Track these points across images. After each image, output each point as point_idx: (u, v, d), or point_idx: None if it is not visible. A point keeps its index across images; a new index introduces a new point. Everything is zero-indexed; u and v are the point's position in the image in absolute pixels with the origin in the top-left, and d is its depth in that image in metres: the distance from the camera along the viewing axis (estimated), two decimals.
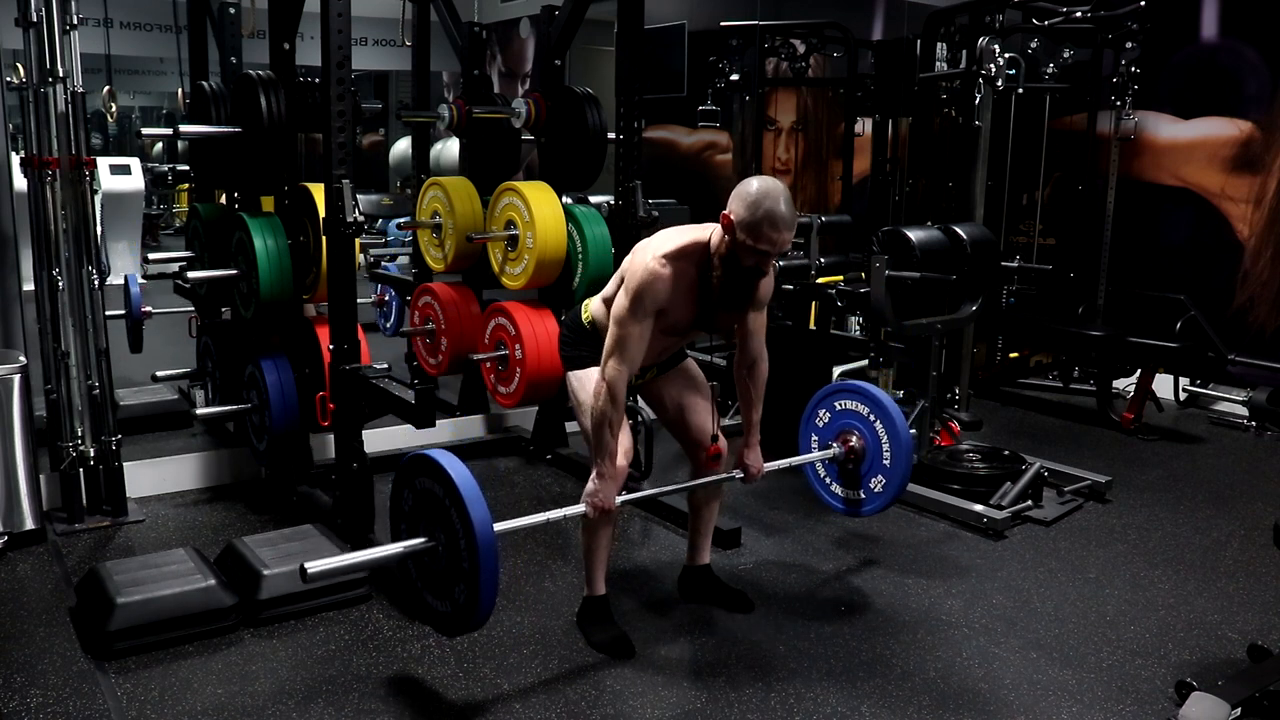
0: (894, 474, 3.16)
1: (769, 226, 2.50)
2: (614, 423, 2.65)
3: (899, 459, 3.15)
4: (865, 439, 3.21)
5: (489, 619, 2.47)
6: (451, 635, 2.57)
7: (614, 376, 2.61)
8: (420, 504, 2.50)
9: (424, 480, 2.47)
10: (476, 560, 2.33)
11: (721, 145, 6.93)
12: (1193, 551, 3.62)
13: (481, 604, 2.37)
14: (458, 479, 2.37)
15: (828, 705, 2.60)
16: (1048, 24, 4.96)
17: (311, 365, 3.66)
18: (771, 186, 2.53)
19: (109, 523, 3.65)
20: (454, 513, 2.38)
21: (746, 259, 2.57)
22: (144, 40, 8.17)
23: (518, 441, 4.58)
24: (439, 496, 2.42)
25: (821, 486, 3.37)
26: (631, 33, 3.83)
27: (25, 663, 2.72)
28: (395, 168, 9.08)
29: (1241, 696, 2.45)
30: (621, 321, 2.61)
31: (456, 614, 2.45)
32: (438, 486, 2.42)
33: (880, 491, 3.20)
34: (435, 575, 2.49)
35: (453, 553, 2.40)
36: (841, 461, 3.26)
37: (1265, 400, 4.00)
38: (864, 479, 3.23)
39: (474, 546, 2.33)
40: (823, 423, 3.33)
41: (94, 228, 3.58)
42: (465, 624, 2.46)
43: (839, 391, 3.29)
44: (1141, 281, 5.50)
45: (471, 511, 2.33)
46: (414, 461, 2.51)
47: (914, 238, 3.80)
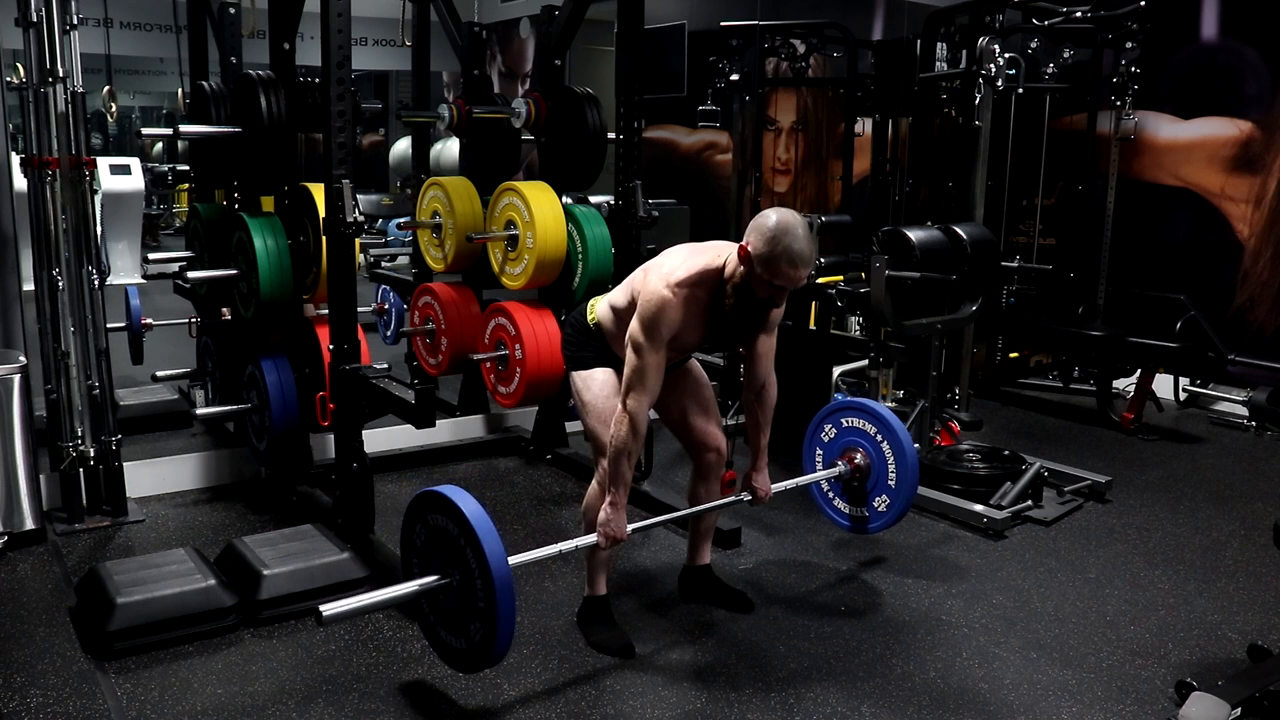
0: (899, 494, 3.18)
1: (787, 264, 2.49)
2: (633, 454, 2.63)
3: (904, 479, 3.16)
4: (871, 457, 3.22)
5: (505, 656, 2.45)
6: (468, 672, 2.56)
7: (635, 409, 2.60)
8: (433, 540, 2.48)
9: (436, 517, 2.45)
10: (494, 599, 2.31)
11: (721, 145, 6.93)
12: (1193, 551, 3.62)
13: (499, 642, 2.35)
14: (472, 518, 2.34)
15: (828, 705, 2.60)
16: (1048, 24, 4.96)
17: (311, 365, 3.66)
18: (791, 221, 2.50)
19: (109, 523, 3.65)
20: (469, 551, 2.36)
21: (761, 291, 2.57)
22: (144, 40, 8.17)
23: (518, 441, 4.58)
24: (453, 535, 2.40)
25: (826, 503, 3.39)
26: (631, 33, 3.83)
27: (25, 663, 2.72)
28: (395, 168, 9.09)
29: (1241, 696, 2.45)
30: (639, 351, 2.59)
31: (472, 652, 2.43)
32: (451, 525, 2.40)
33: (885, 511, 3.22)
34: (450, 613, 2.47)
35: (468, 591, 2.38)
36: (847, 479, 3.27)
37: (1265, 400, 3.99)
38: (869, 496, 3.24)
39: (490, 586, 2.31)
40: (828, 438, 3.34)
41: (94, 228, 3.58)
42: (482, 662, 2.44)
43: (845, 409, 3.30)
44: (1141, 281, 5.50)
45: (487, 551, 2.31)
46: (426, 498, 2.49)
47: (914, 238, 3.80)
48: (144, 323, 4.29)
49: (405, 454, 4.38)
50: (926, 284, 3.83)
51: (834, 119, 5.78)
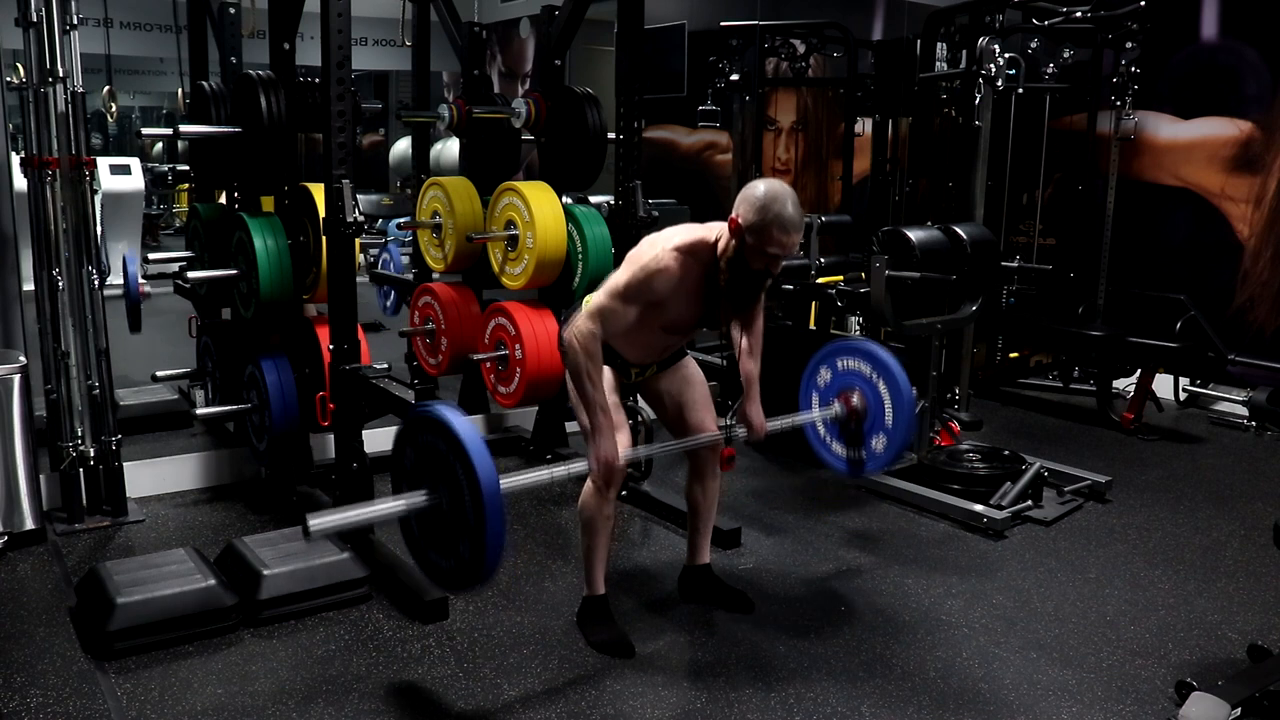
0: (896, 433, 3.09)
1: (778, 230, 2.51)
2: (593, 374, 2.63)
3: (901, 417, 3.08)
4: (867, 398, 3.16)
5: (494, 575, 2.40)
6: (456, 592, 2.52)
7: (586, 336, 2.60)
8: (423, 461, 2.43)
9: (427, 436, 2.40)
10: (482, 515, 2.26)
11: (721, 145, 6.93)
12: (1193, 551, 3.62)
13: (488, 560, 2.30)
14: (462, 434, 2.30)
15: (828, 705, 2.60)
16: (1048, 24, 4.96)
17: (311, 365, 3.66)
18: (779, 189, 2.53)
19: (109, 523, 3.65)
20: (459, 468, 2.31)
21: (755, 262, 2.58)
22: (144, 40, 8.17)
23: (518, 441, 4.58)
24: (443, 452, 2.35)
25: (822, 446, 3.29)
26: (631, 33, 3.83)
27: (25, 663, 2.72)
28: (395, 168, 9.09)
29: (1241, 696, 2.45)
30: (613, 294, 2.61)
31: (461, 570, 2.38)
32: (441, 442, 2.35)
33: (882, 451, 3.13)
34: (439, 532, 2.42)
35: (457, 508, 2.34)
36: (843, 420, 3.20)
37: (1265, 400, 3.99)
38: (866, 438, 3.17)
39: (479, 501, 2.26)
40: (824, 381, 3.25)
41: (94, 228, 3.58)
42: (471, 580, 2.38)
43: (841, 351, 3.23)
44: (1141, 281, 5.50)
45: (477, 466, 2.26)
46: (417, 419, 2.45)
47: (914, 238, 3.81)
48: (141, 289, 4.25)
49: None
50: (926, 284, 3.83)
51: (834, 119, 5.78)
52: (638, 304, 2.62)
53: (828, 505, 3.98)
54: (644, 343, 2.81)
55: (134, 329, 4.37)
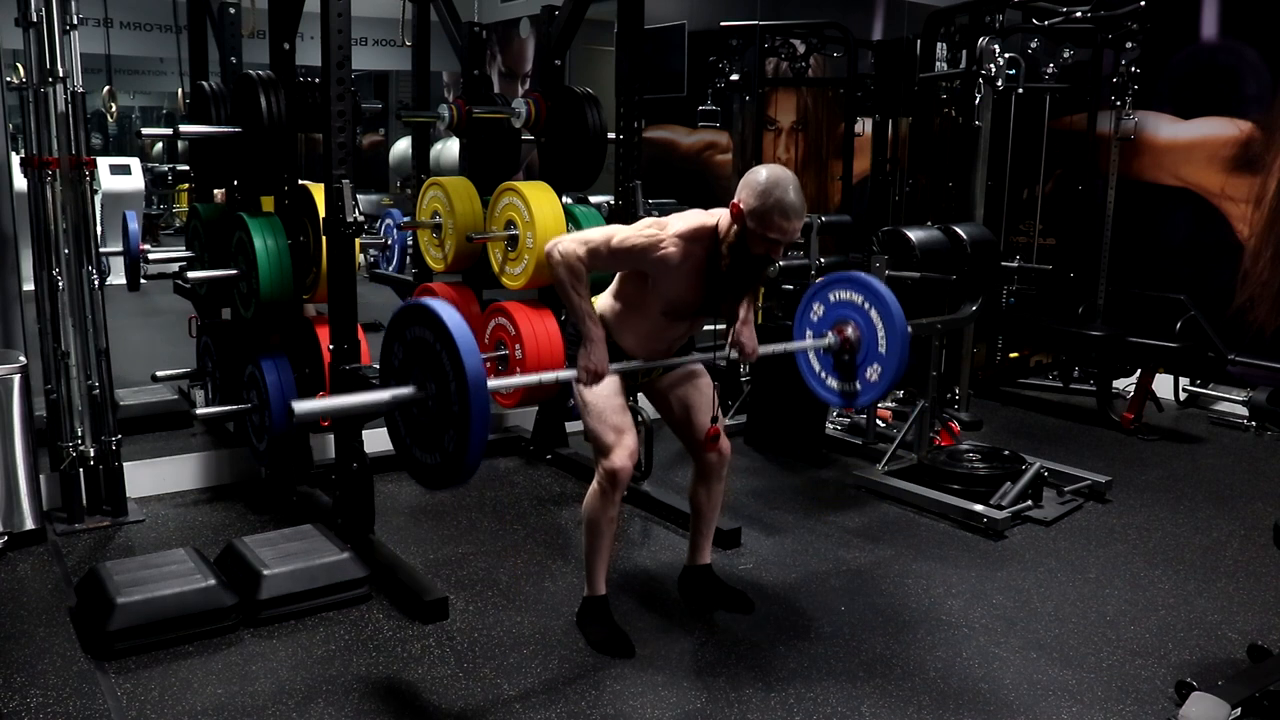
0: (890, 361, 3.04)
1: (779, 215, 2.51)
2: (578, 286, 2.66)
3: (894, 345, 3.03)
4: (860, 328, 3.11)
5: (476, 470, 2.36)
6: (440, 487, 2.45)
7: (570, 254, 2.63)
8: (410, 355, 2.40)
9: (415, 329, 2.37)
10: (467, 400, 2.23)
11: (721, 145, 6.93)
12: (1193, 551, 3.62)
13: (471, 447, 2.27)
14: (449, 321, 2.27)
15: (828, 705, 2.60)
16: (1048, 24, 4.96)
17: (311, 365, 3.66)
18: (781, 175, 2.54)
19: (109, 523, 3.65)
20: (445, 355, 2.28)
21: (756, 247, 2.58)
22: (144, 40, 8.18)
23: (518, 441, 4.58)
24: (429, 342, 2.33)
25: (817, 382, 3.24)
26: (631, 33, 3.84)
27: (25, 663, 2.72)
28: (395, 168, 9.10)
29: (1241, 696, 2.45)
30: (606, 242, 2.63)
31: (446, 463, 2.35)
32: (428, 333, 2.33)
33: (876, 381, 3.08)
34: (424, 426, 2.39)
35: (443, 398, 2.31)
36: (837, 352, 3.13)
37: (1265, 400, 3.99)
38: (860, 369, 3.13)
39: (464, 387, 2.23)
40: (817, 316, 3.18)
41: (94, 228, 3.58)
42: (455, 472, 2.34)
43: (833, 282, 3.17)
44: (1141, 281, 5.50)
45: (463, 351, 2.23)
46: (404, 311, 2.41)
47: (914, 238, 3.81)
48: (141, 249, 4.21)
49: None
50: (926, 284, 3.83)
51: (834, 119, 5.78)
52: (621, 264, 2.66)
53: (828, 505, 3.98)
54: (646, 331, 2.81)
55: (133, 287, 4.32)
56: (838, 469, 4.33)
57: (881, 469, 4.14)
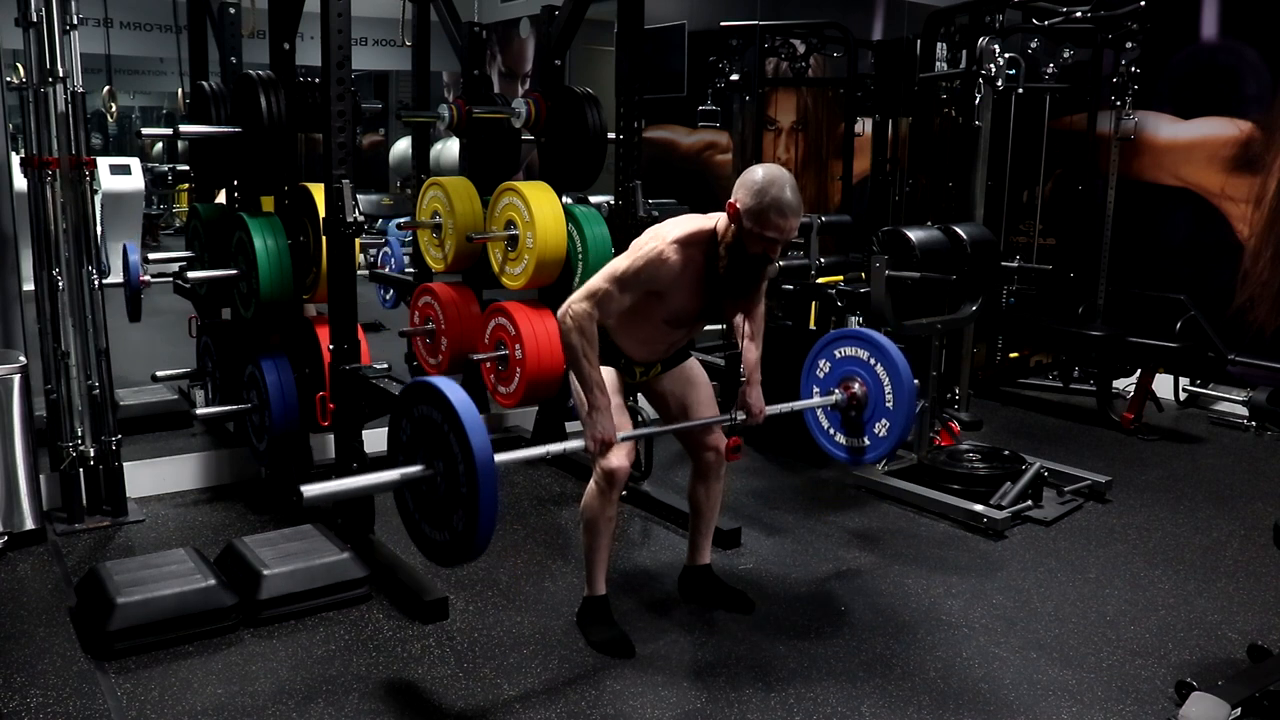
0: (898, 416, 3.09)
1: (776, 214, 2.51)
2: (589, 352, 2.63)
3: (902, 401, 3.09)
4: (867, 384, 3.15)
5: (486, 548, 2.39)
6: (450, 565, 2.50)
7: (581, 315, 2.60)
8: (418, 433, 2.43)
9: (422, 408, 2.40)
10: (475, 483, 2.26)
11: (721, 145, 6.93)
12: (1193, 551, 3.62)
13: (480, 530, 2.30)
14: (456, 403, 2.30)
15: (828, 705, 2.60)
16: (1048, 24, 4.96)
17: (311, 365, 3.66)
18: (777, 174, 2.54)
19: (109, 523, 3.65)
20: (453, 437, 2.31)
21: (753, 247, 2.58)
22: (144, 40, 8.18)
23: (518, 441, 4.58)
24: (437, 422, 2.35)
25: (825, 438, 3.30)
26: (631, 33, 3.83)
27: (25, 663, 2.72)
28: (395, 168, 9.10)
29: (1241, 696, 2.45)
30: (611, 279, 2.61)
31: (455, 542, 2.38)
32: (436, 412, 2.36)
33: (885, 436, 3.13)
34: (433, 504, 2.42)
35: (451, 478, 2.33)
36: (844, 408, 3.19)
37: (1265, 400, 3.99)
38: (867, 425, 3.17)
39: (473, 469, 2.26)
40: (823, 373, 3.25)
41: (94, 228, 3.58)
42: (464, 551, 2.38)
43: (837, 339, 3.22)
44: (1141, 281, 5.50)
45: (470, 433, 2.26)
46: (412, 389, 2.45)
47: (914, 238, 3.81)
48: (142, 279, 4.24)
49: None
50: (926, 284, 3.83)
51: (834, 119, 5.78)
52: (634, 292, 2.63)
53: (828, 505, 3.98)
54: (646, 337, 2.81)
55: (133, 318, 4.34)
56: (838, 469, 4.33)
57: (881, 469, 4.14)
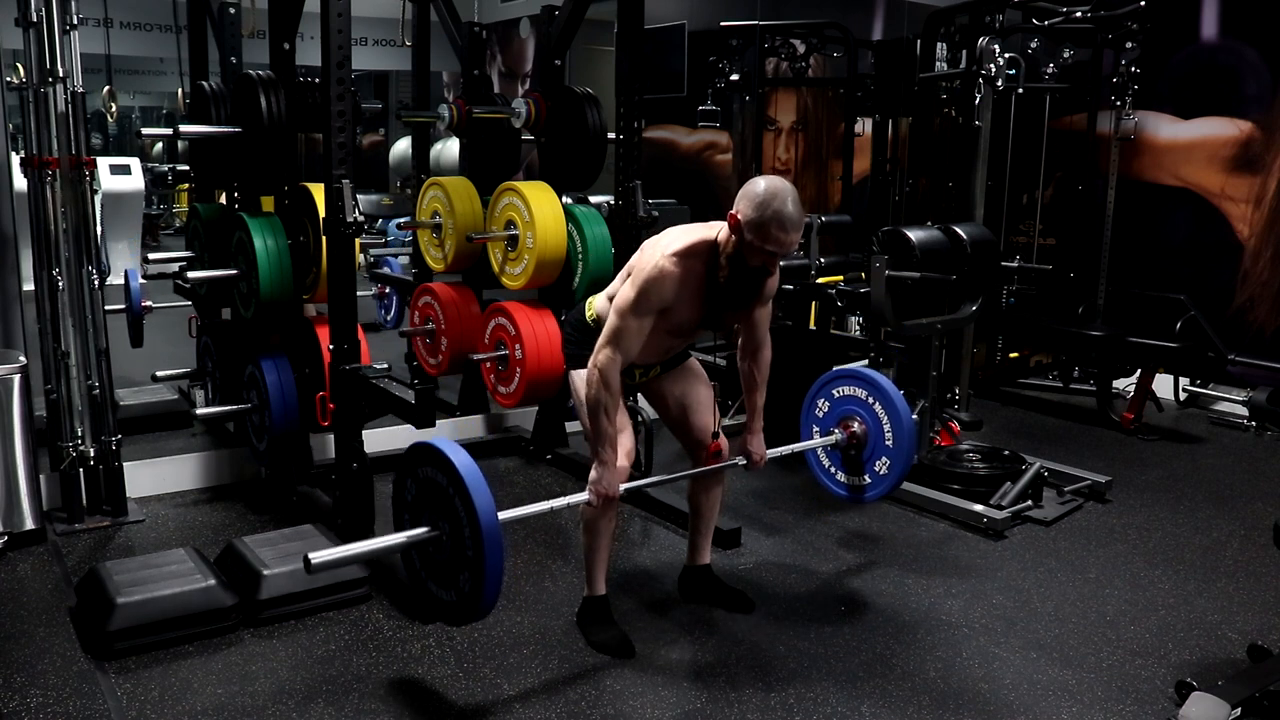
0: (897, 455, 3.13)
1: (777, 227, 2.51)
2: (609, 409, 2.63)
3: (901, 439, 3.12)
4: (866, 423, 3.19)
5: (494, 607, 2.44)
6: (457, 624, 2.56)
7: (607, 364, 2.60)
8: (423, 494, 2.48)
9: (426, 469, 2.45)
10: (481, 547, 2.30)
11: (721, 145, 6.93)
12: (1193, 551, 3.62)
13: (486, 592, 2.34)
14: (461, 466, 2.34)
15: (828, 705, 2.60)
16: (1048, 24, 4.96)
17: (311, 365, 3.66)
18: (779, 187, 2.53)
19: (109, 523, 3.65)
20: (457, 500, 2.35)
21: (753, 259, 2.58)
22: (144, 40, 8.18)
23: (518, 441, 4.58)
24: (442, 485, 2.40)
25: (825, 476, 3.35)
26: (631, 33, 3.83)
27: (25, 663, 2.72)
28: (395, 168, 9.09)
29: (1241, 696, 2.45)
30: (623, 313, 2.61)
31: (462, 603, 2.42)
32: (441, 475, 2.40)
33: (885, 474, 3.18)
34: (439, 565, 2.46)
35: (457, 541, 2.38)
36: (844, 448, 3.24)
37: (1265, 400, 3.99)
38: (867, 464, 3.21)
39: (478, 534, 2.30)
40: (822, 412, 3.31)
41: (94, 228, 3.58)
42: (471, 613, 2.43)
43: (836, 379, 3.27)
44: (1141, 281, 5.50)
45: (475, 498, 2.30)
46: (416, 451, 2.49)
47: (914, 238, 3.80)
48: (144, 305, 4.26)
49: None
50: (926, 284, 3.83)
51: (834, 119, 5.78)
52: (650, 315, 2.62)
53: (828, 505, 3.98)
54: (648, 345, 2.81)
55: (136, 344, 4.38)
56: None
57: None
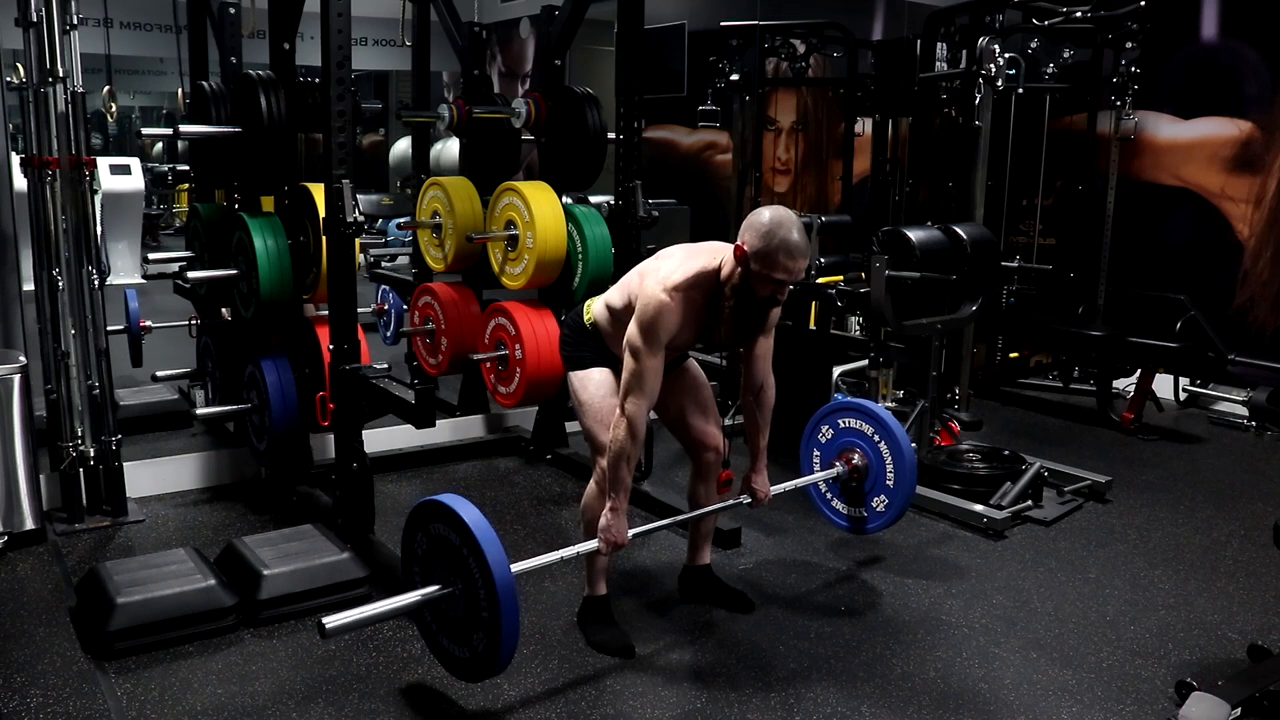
0: (897, 494, 3.18)
1: (785, 255, 2.50)
2: (631, 458, 2.63)
3: (902, 479, 3.17)
4: (869, 457, 3.22)
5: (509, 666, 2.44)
6: (471, 681, 2.55)
7: (634, 413, 2.59)
8: (435, 549, 2.47)
9: (438, 526, 2.44)
10: (497, 610, 2.30)
11: (721, 145, 6.93)
12: (1193, 551, 3.62)
13: (502, 652, 2.34)
14: (475, 528, 2.33)
15: (828, 705, 2.60)
16: (1048, 24, 4.96)
17: (311, 365, 3.66)
18: (784, 216, 2.53)
19: (109, 523, 3.65)
20: (472, 561, 2.34)
21: (762, 289, 2.57)
22: (144, 40, 8.17)
23: (518, 441, 4.58)
24: (455, 544, 2.39)
25: (824, 503, 3.40)
26: (631, 33, 3.83)
27: (25, 663, 2.72)
28: (395, 168, 9.08)
29: (1241, 696, 2.45)
30: (637, 355, 2.59)
31: (475, 661, 2.42)
32: (454, 534, 2.39)
33: (883, 511, 3.23)
34: (453, 621, 2.46)
35: (471, 601, 2.37)
36: (844, 480, 3.27)
37: (1265, 400, 3.99)
38: (867, 497, 3.25)
39: (494, 596, 2.30)
40: (825, 439, 3.35)
41: (94, 228, 3.58)
42: (485, 671, 2.43)
43: (842, 409, 3.30)
44: (1141, 281, 5.50)
45: (491, 562, 2.30)
46: (427, 508, 2.48)
47: (914, 238, 3.80)
48: (143, 325, 4.29)
49: (405, 454, 4.38)
50: (926, 284, 3.83)
51: (834, 119, 5.78)
52: (662, 350, 2.61)
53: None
54: None
55: (136, 363, 4.39)
56: None
57: None
